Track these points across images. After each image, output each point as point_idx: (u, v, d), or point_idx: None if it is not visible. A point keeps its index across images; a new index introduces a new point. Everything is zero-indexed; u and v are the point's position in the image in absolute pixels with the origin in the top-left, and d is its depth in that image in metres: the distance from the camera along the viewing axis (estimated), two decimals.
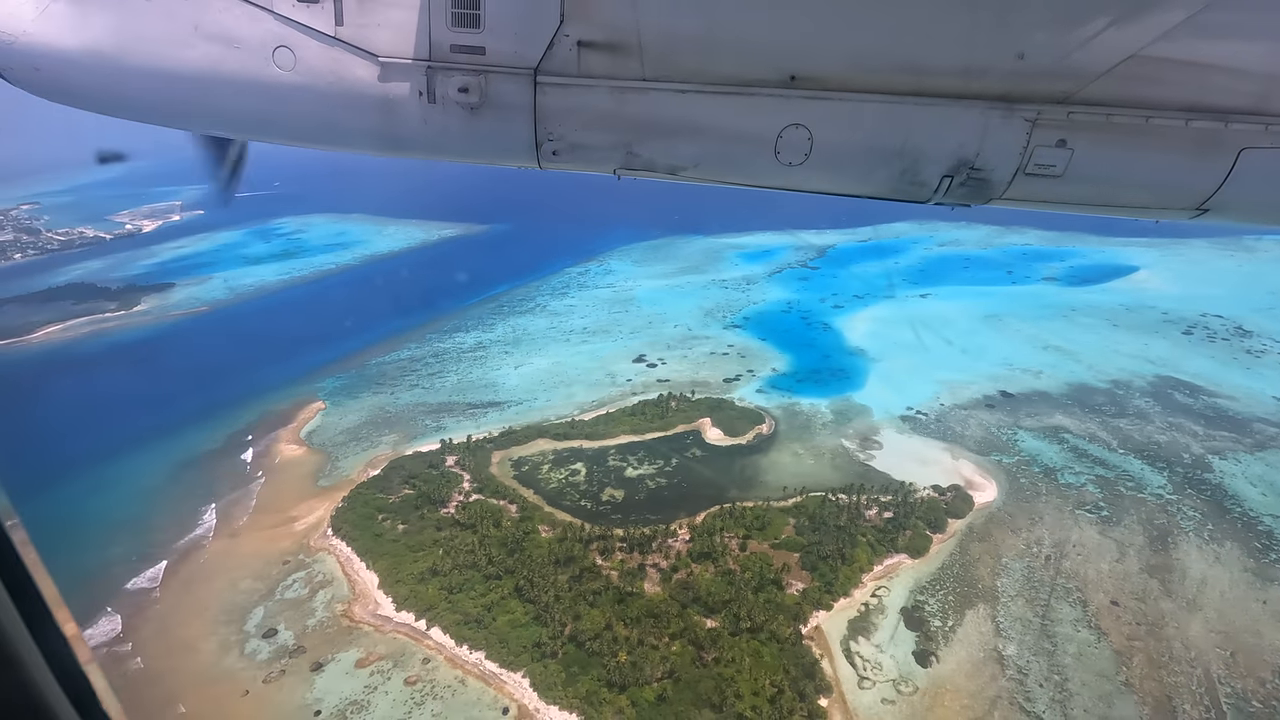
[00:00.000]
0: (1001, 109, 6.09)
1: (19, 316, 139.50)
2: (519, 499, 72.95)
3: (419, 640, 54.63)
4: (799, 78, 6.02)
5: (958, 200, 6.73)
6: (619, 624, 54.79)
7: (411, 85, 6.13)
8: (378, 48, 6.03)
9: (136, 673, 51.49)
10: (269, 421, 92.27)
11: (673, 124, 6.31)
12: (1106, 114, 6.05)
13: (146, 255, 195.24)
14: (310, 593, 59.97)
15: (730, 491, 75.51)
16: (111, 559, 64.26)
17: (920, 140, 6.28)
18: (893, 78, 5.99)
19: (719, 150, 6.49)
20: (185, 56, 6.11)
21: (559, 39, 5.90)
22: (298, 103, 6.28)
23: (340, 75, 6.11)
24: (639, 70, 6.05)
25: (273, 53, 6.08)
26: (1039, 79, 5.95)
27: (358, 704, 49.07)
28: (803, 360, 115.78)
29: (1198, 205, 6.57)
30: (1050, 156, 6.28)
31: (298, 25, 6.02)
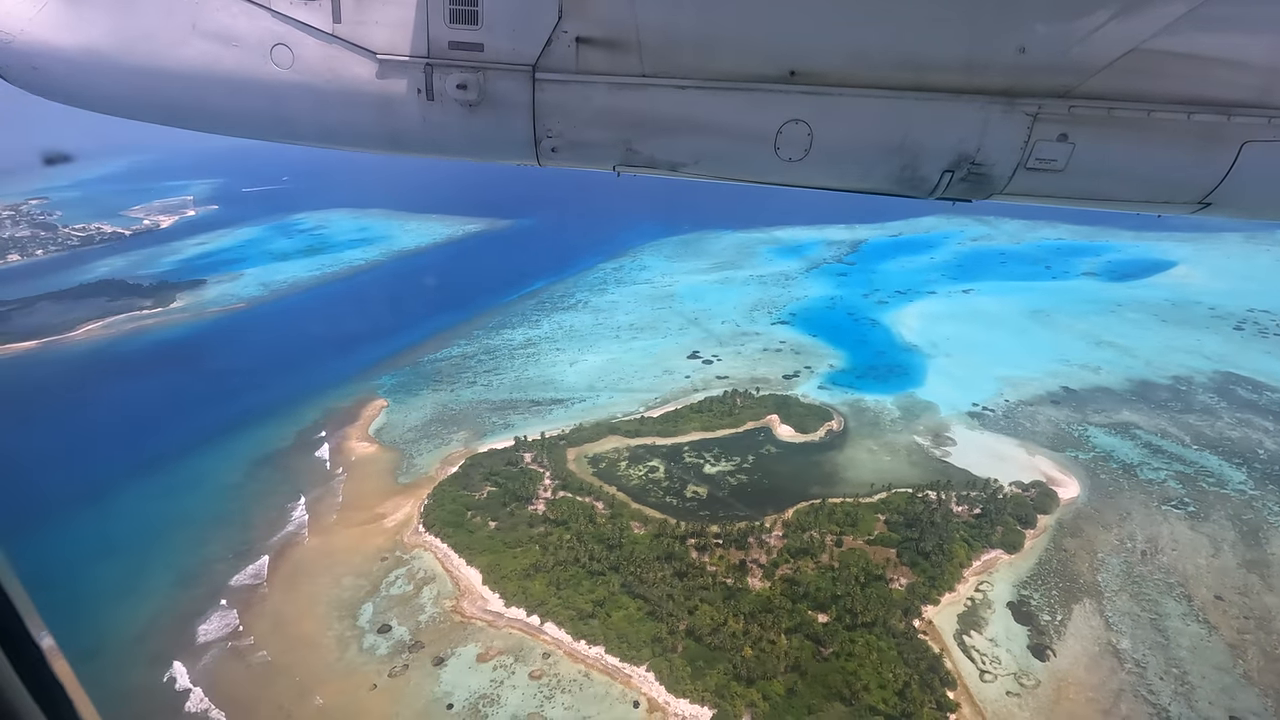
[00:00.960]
0: (1002, 103, 6.13)
1: (57, 314, 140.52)
2: (604, 496, 74.13)
3: (535, 635, 55.86)
4: (799, 73, 6.06)
5: (958, 195, 6.78)
6: (732, 619, 56.02)
7: (410, 82, 6.19)
8: (376, 45, 6.09)
9: (264, 665, 52.82)
10: (334, 419, 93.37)
11: (672, 120, 6.35)
12: (1108, 108, 6.09)
13: (170, 251, 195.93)
14: (415, 589, 61.17)
15: (813, 488, 76.68)
16: (210, 556, 65.49)
17: (921, 135, 6.33)
18: (893, 73, 6.04)
19: (719, 146, 6.54)
20: (183, 55, 6.16)
21: (557, 35, 5.96)
22: (296, 101, 6.34)
23: (338, 73, 6.17)
24: (638, 66, 6.09)
25: (270, 50, 6.13)
26: (1040, 73, 6.00)
27: (487, 697, 50.33)
28: (858, 356, 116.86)
29: (1200, 199, 6.63)
30: (1051, 151, 6.33)
31: (295, 23, 6.07)
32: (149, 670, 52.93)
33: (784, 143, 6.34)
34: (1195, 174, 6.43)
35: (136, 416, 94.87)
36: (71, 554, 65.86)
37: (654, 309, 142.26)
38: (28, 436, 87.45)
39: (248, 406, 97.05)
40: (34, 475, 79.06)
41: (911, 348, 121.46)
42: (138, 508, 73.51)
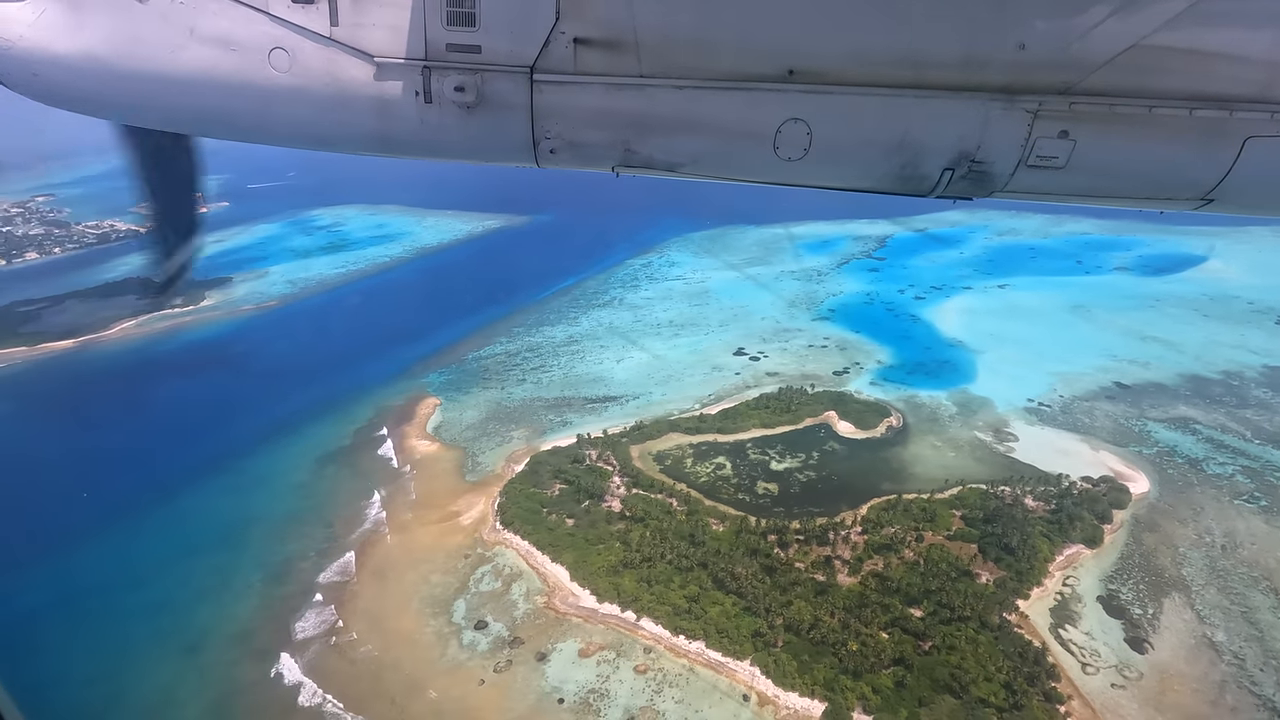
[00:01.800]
0: (1002, 101, 6.17)
1: (88, 312, 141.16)
2: (676, 493, 75.21)
3: (632, 631, 56.95)
4: (797, 72, 6.10)
5: (959, 194, 6.85)
6: (827, 615, 57.14)
7: (407, 85, 6.27)
8: (373, 48, 6.17)
9: (370, 660, 53.93)
10: (389, 417, 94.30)
11: (670, 120, 6.41)
12: (1109, 104, 6.13)
13: None
14: (504, 586, 62.24)
15: (883, 484, 77.83)
16: (293, 553, 66.53)
17: (920, 133, 6.37)
18: (892, 71, 6.07)
19: (717, 146, 6.59)
20: (181, 59, 6.25)
21: (555, 37, 6.02)
22: (294, 104, 6.42)
23: (336, 76, 6.26)
24: (635, 67, 6.14)
25: (268, 54, 6.22)
26: (1040, 70, 6.03)
27: (596, 692, 51.45)
28: (905, 353, 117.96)
29: (1202, 195, 6.67)
30: (1052, 148, 6.35)
31: (293, 26, 6.15)
32: (255, 666, 53.98)
33: (783, 142, 6.39)
34: (1197, 170, 6.50)
35: (190, 416, 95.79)
36: (154, 553, 66.87)
37: (691, 306, 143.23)
38: (89, 437, 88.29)
39: (299, 405, 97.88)
40: (100, 475, 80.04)
41: (957, 343, 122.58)
42: (209, 506, 74.49)
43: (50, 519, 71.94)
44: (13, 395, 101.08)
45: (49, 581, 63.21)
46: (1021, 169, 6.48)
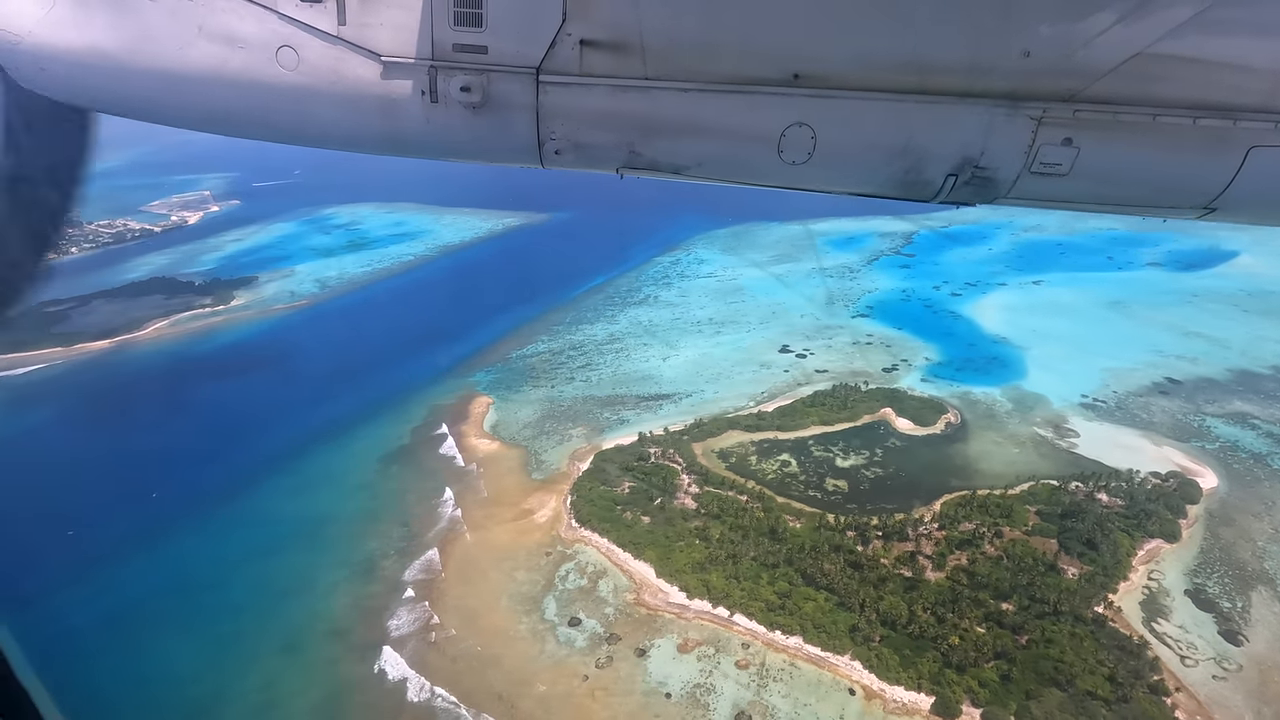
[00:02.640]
0: (1006, 107, 6.26)
1: (117, 312, 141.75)
2: (746, 490, 76.11)
3: (727, 627, 57.85)
4: (802, 76, 6.19)
5: (962, 199, 6.92)
6: (920, 610, 58.07)
7: (414, 84, 6.36)
8: (380, 47, 6.26)
9: (473, 655, 54.84)
10: (444, 416, 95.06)
11: (675, 123, 6.50)
12: (1113, 112, 6.21)
13: (209, 248, 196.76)
14: (590, 583, 63.08)
15: (951, 481, 78.85)
16: (374, 551, 67.34)
17: (924, 139, 6.45)
18: (897, 76, 6.15)
19: (722, 149, 6.69)
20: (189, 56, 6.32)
21: (561, 38, 6.10)
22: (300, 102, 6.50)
23: (343, 75, 6.35)
24: (641, 69, 6.23)
25: (276, 52, 6.30)
26: (1044, 77, 6.11)
27: (702, 686, 52.34)
28: (951, 349, 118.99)
29: (1205, 204, 6.74)
30: (1056, 155, 6.41)
31: (301, 25, 6.23)
32: (357, 663, 54.79)
33: (787, 145, 6.48)
34: (1201, 178, 6.58)
35: (240, 417, 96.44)
36: (227, 554, 67.61)
37: (727, 303, 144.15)
38: (142, 439, 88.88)
39: (348, 405, 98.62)
40: (158, 476, 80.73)
41: (1001, 340, 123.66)
42: (276, 507, 75.25)
43: (119, 520, 72.64)
44: (59, 397, 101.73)
45: (129, 582, 63.95)
46: (1025, 175, 6.59)
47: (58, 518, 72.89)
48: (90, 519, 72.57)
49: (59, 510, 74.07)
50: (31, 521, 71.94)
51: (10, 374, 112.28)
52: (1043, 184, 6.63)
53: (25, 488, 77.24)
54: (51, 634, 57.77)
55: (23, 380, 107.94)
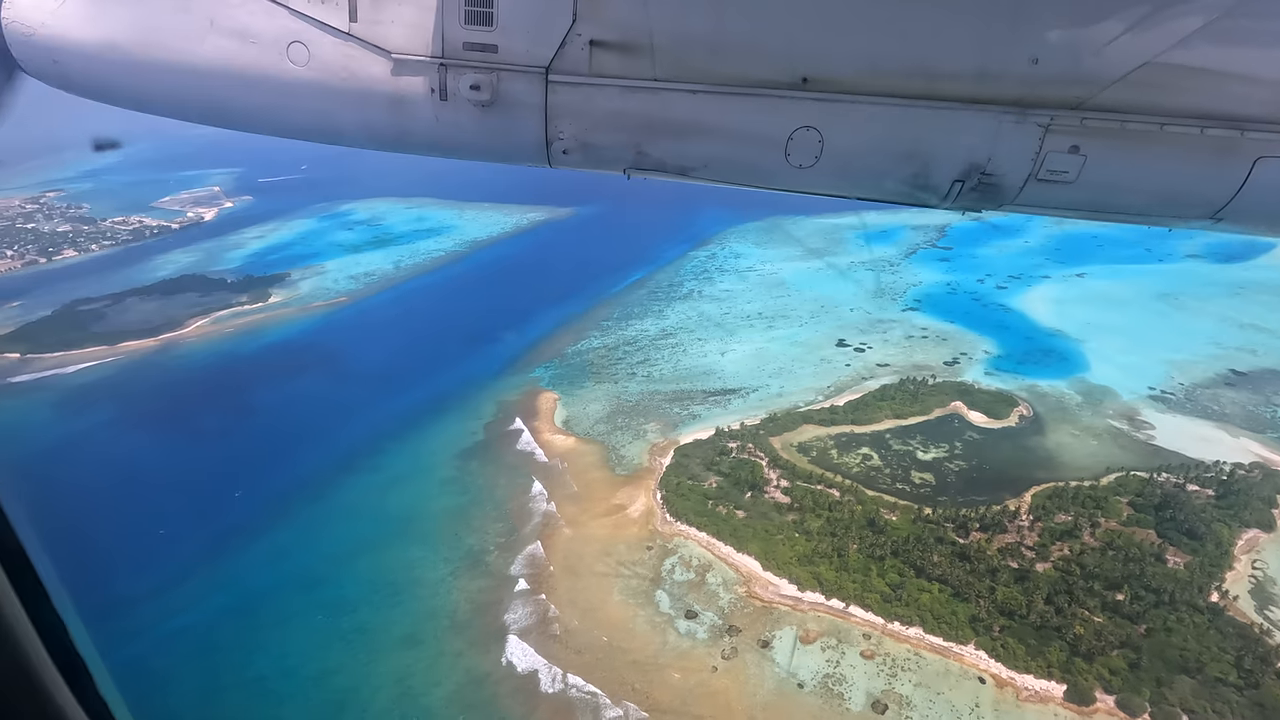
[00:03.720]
0: (1014, 114, 6.35)
1: (154, 310, 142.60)
2: (834, 483, 77.45)
3: (844, 618, 59.28)
4: (811, 80, 6.29)
5: (968, 205, 7.04)
6: (1036, 600, 59.51)
7: (424, 82, 6.48)
8: (391, 44, 6.37)
9: (599, 647, 56.20)
10: (513, 412, 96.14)
11: (683, 124, 6.60)
12: (1120, 121, 6.30)
13: (232, 245, 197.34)
14: (697, 576, 64.43)
15: (1037, 473, 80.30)
16: (476, 547, 68.60)
17: (932, 145, 6.57)
18: (905, 81, 6.25)
19: (729, 151, 6.80)
20: (201, 51, 6.45)
21: (571, 38, 6.23)
22: (311, 98, 6.61)
23: (353, 71, 6.46)
24: (650, 70, 6.34)
25: (287, 48, 6.42)
26: (1052, 85, 6.20)
27: (832, 677, 53.76)
28: (1008, 342, 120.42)
29: (1212, 214, 6.84)
30: (1063, 163, 6.50)
31: (312, 21, 6.34)
32: (483, 655, 56.08)
33: (795, 149, 6.59)
34: (1208, 188, 6.67)
35: (306, 417, 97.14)
36: (323, 551, 68.75)
37: (774, 297, 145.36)
38: (213, 440, 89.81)
39: (412, 403, 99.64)
40: (235, 478, 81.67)
41: (1057, 333, 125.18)
42: (362, 504, 76.39)
43: (208, 520, 73.65)
44: (118, 397, 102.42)
45: (235, 580, 65.12)
46: (1031, 182, 6.69)
47: (143, 518, 73.89)
48: (177, 519, 73.54)
49: (142, 511, 75.06)
50: (117, 522, 73.01)
51: (60, 372, 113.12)
52: (1049, 191, 6.76)
53: (102, 489, 78.18)
54: (167, 632, 59.03)
55: (75, 380, 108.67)
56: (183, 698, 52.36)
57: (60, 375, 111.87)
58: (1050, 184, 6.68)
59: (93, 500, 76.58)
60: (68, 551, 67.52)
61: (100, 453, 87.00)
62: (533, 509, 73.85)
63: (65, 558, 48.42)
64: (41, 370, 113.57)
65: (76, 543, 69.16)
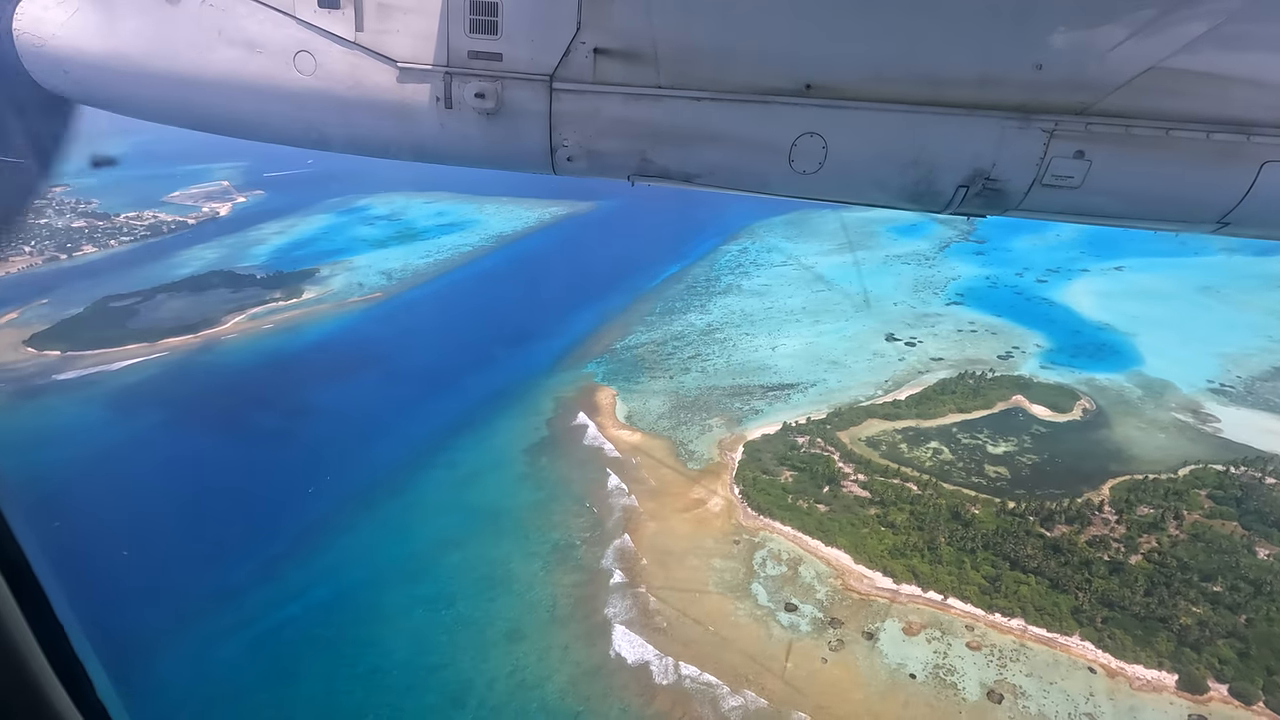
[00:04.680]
0: (1018, 120, 6.43)
1: (188, 307, 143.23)
2: (910, 477, 78.61)
3: (944, 610, 60.49)
4: (815, 86, 6.40)
5: (973, 211, 7.15)
6: (1133, 591, 60.74)
7: (429, 90, 6.62)
8: (396, 53, 6.52)
9: (706, 639, 57.37)
10: (575, 408, 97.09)
11: (687, 131, 6.73)
12: (1126, 126, 6.37)
13: (254, 241, 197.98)
14: (790, 569, 65.56)
15: (1110, 465, 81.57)
16: (560, 541, 69.62)
17: (936, 150, 6.65)
18: (909, 88, 6.35)
19: (733, 158, 6.92)
20: (208, 61, 6.62)
21: (575, 46, 6.35)
22: (317, 107, 6.78)
23: (359, 80, 6.62)
24: (654, 78, 6.47)
25: (294, 58, 6.57)
26: (1057, 90, 6.28)
27: (942, 667, 54.96)
28: (1058, 336, 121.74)
29: (1218, 219, 6.91)
30: (1068, 168, 6.57)
31: (319, 30, 6.50)
32: (590, 648, 57.13)
33: (798, 155, 6.70)
34: (1214, 193, 6.74)
35: (365, 414, 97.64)
36: (411, 547, 69.59)
37: (814, 292, 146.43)
38: (275, 440, 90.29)
39: (470, 399, 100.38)
40: (305, 476, 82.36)
41: (1105, 326, 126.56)
42: (440, 501, 77.27)
43: (286, 519, 74.35)
44: (170, 399, 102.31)
45: (326, 575, 66.01)
46: (1036, 188, 6.78)
47: (218, 516, 74.72)
48: (253, 517, 74.36)
49: (216, 509, 75.87)
50: (193, 521, 73.80)
51: (105, 369, 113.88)
52: (1054, 196, 6.83)
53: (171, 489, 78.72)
54: (275, 624, 60.09)
55: (122, 379, 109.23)
56: (307, 687, 53.51)
57: (105, 373, 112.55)
58: (1055, 189, 6.78)
59: (164, 500, 77.43)
60: (150, 550, 68.68)
61: (163, 453, 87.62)
62: (612, 503, 74.87)
63: (147, 556, 49.56)
64: (85, 368, 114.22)
65: (157, 540, 70.25)
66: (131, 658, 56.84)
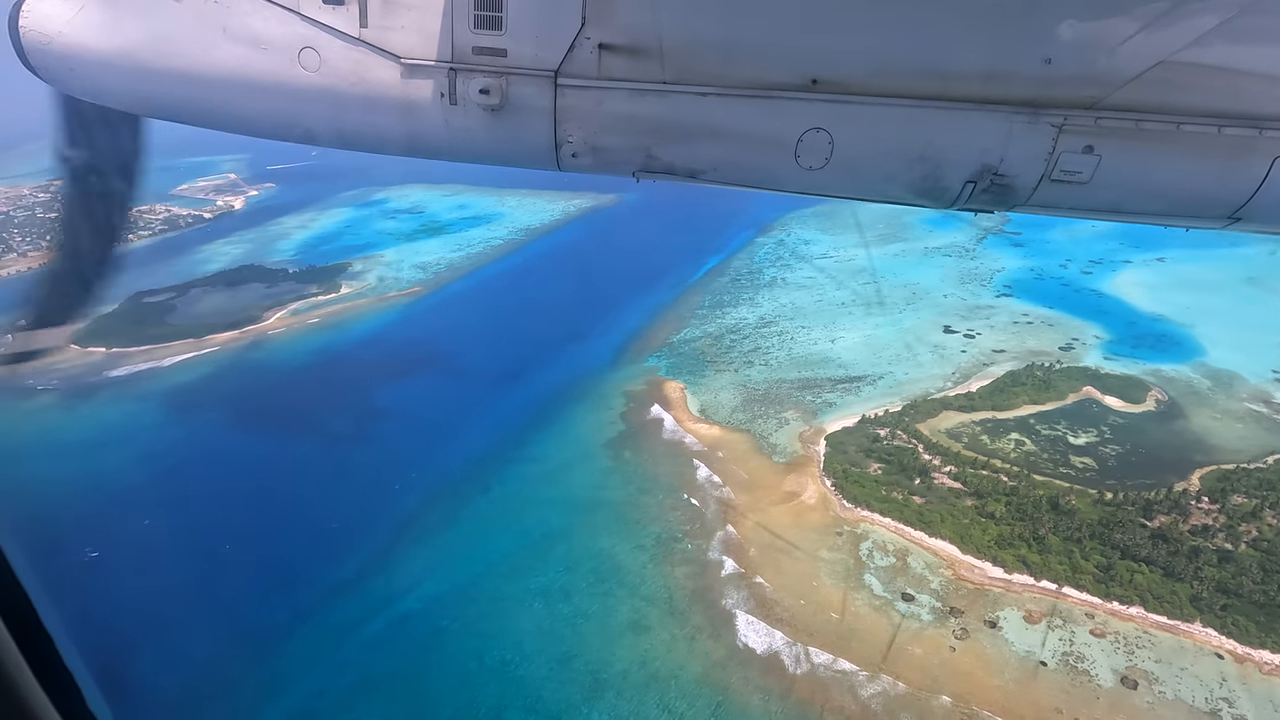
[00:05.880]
0: (1027, 115, 6.46)
1: (228, 301, 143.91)
2: (999, 469, 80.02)
3: (1060, 598, 61.93)
4: (821, 81, 6.43)
5: (980, 206, 7.20)
6: (1246, 579, 62.31)
7: (433, 87, 6.69)
8: (401, 49, 6.60)
9: (830, 627, 58.66)
10: (645, 402, 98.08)
11: (693, 127, 6.78)
12: (1136, 120, 6.39)
13: (277, 235, 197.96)
14: (898, 560, 66.87)
15: (1195, 456, 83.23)
16: (661, 534, 70.69)
17: (943, 146, 6.69)
18: (916, 82, 6.38)
19: (739, 154, 6.96)
20: (214, 58, 6.71)
21: (580, 41, 6.42)
22: (322, 104, 6.85)
23: (364, 77, 6.70)
24: (659, 73, 6.51)
25: (299, 54, 6.66)
26: (1066, 84, 6.32)
27: (1071, 654, 56.42)
28: (1115, 327, 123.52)
29: (1230, 214, 6.96)
30: (1076, 163, 6.60)
31: (323, 27, 6.59)
32: (716, 638, 58.29)
33: (804, 151, 6.73)
34: (1225, 188, 6.78)
35: (435, 412, 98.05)
36: (510, 541, 70.47)
37: (861, 284, 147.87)
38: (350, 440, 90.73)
39: (535, 394, 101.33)
40: (391, 473, 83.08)
41: (1159, 317, 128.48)
42: (536, 494, 78.16)
43: (377, 516, 74.97)
44: (231, 399, 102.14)
45: (436, 570, 66.88)
46: (1045, 183, 6.81)
47: (308, 514, 75.39)
48: (343, 515, 74.96)
49: (304, 508, 76.49)
50: (284, 519, 74.57)
51: (156, 366, 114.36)
52: (1063, 192, 6.88)
53: (256, 490, 79.43)
54: (395, 617, 61.04)
55: (175, 377, 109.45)
56: (440, 681, 54.52)
57: (158, 370, 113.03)
58: (1064, 185, 6.82)
59: (251, 498, 78.32)
60: (247, 547, 69.48)
61: (239, 453, 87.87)
62: (706, 496, 76.00)
63: (246, 554, 50.69)
64: (134, 365, 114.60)
65: (252, 538, 71.04)
66: (260, 650, 57.87)
